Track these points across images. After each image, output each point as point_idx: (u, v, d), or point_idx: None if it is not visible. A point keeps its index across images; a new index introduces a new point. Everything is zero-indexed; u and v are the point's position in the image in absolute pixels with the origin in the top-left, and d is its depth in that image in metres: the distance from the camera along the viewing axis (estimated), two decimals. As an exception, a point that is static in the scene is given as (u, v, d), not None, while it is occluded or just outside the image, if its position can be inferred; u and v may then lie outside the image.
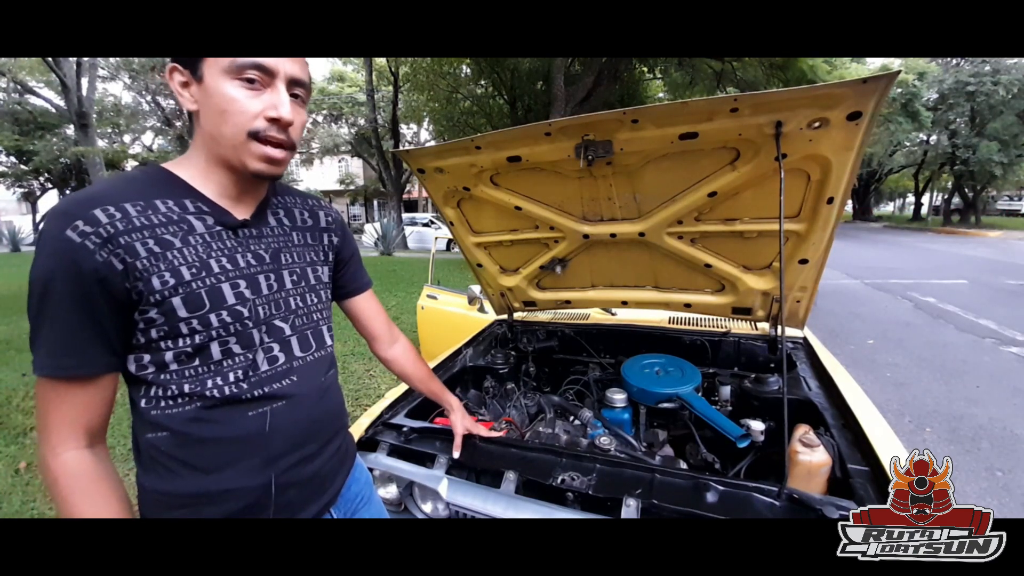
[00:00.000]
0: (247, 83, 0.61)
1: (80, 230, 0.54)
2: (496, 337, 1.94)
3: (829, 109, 0.94)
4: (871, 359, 3.78)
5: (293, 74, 0.64)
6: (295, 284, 0.73)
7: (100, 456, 0.60)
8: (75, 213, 0.55)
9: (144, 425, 0.62)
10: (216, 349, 0.63)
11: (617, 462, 1.04)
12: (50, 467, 0.57)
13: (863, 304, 5.79)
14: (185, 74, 0.62)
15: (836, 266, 8.72)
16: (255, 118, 0.62)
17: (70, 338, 0.56)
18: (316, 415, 0.73)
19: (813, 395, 1.27)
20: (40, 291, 0.55)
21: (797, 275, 1.39)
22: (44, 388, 0.58)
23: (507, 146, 1.26)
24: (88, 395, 0.58)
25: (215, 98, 0.61)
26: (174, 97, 0.75)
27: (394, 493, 1.17)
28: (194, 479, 0.63)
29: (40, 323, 0.56)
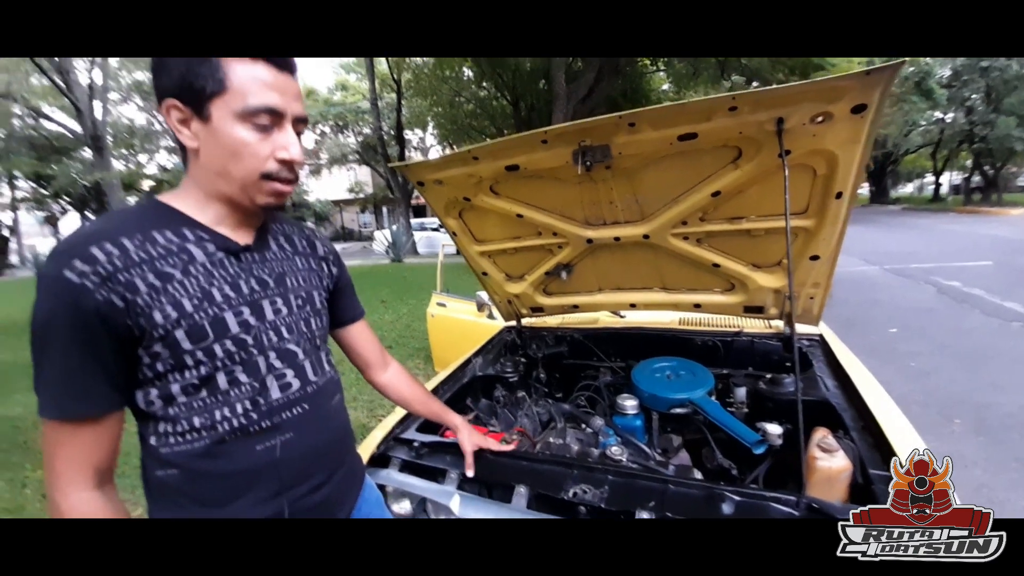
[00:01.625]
0: (259, 127, 0.61)
1: (79, 270, 0.54)
2: (505, 344, 1.93)
3: (832, 103, 0.91)
4: (893, 349, 3.68)
5: (298, 113, 0.65)
6: (300, 308, 0.73)
7: (109, 496, 0.61)
8: (72, 253, 0.55)
9: (154, 462, 0.63)
10: (223, 379, 0.63)
11: (629, 473, 1.02)
12: (61, 510, 0.57)
13: (883, 291, 5.64)
14: (185, 111, 0.61)
15: (853, 252, 8.52)
16: (267, 160, 0.62)
17: (72, 380, 0.56)
18: (323, 444, 0.73)
19: (831, 395, 1.23)
20: (41, 333, 0.56)
21: (809, 271, 1.35)
22: (49, 431, 0.58)
23: (504, 155, 1.25)
24: (94, 435, 0.59)
25: (225, 139, 0.61)
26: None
27: (408, 509, 1.17)
28: (204, 513, 0.63)
29: (42, 366, 0.57)
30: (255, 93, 0.60)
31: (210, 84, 0.60)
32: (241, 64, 0.60)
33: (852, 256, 8.12)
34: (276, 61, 0.62)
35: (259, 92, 0.60)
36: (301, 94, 0.67)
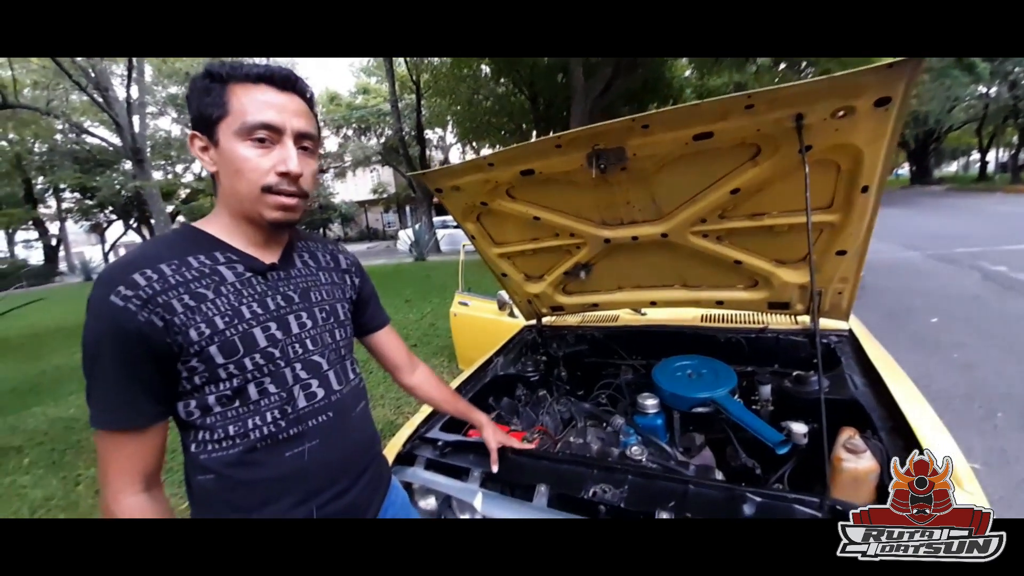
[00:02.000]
0: (258, 142, 0.65)
1: (122, 294, 0.60)
2: (526, 343, 1.95)
3: (854, 97, 0.89)
4: (935, 340, 3.51)
5: (299, 128, 0.68)
6: (325, 320, 0.78)
7: (156, 498, 0.66)
8: (117, 279, 0.61)
9: (194, 468, 0.68)
10: (253, 390, 0.68)
11: (649, 473, 1.03)
12: (113, 512, 0.63)
13: (925, 278, 5.37)
14: (203, 140, 0.67)
15: (892, 238, 8.12)
16: (267, 174, 0.66)
17: (119, 394, 0.62)
18: (349, 450, 0.77)
19: (859, 394, 1.20)
20: (91, 352, 0.61)
21: (836, 267, 1.32)
22: (100, 440, 0.64)
23: (519, 161, 1.26)
24: (140, 444, 0.64)
25: (230, 159, 0.65)
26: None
27: (433, 505, 1.22)
28: (239, 516, 0.68)
29: (93, 381, 0.62)
30: (252, 112, 0.65)
31: (215, 111, 0.65)
32: (241, 87, 0.65)
33: (892, 242, 7.75)
34: (277, 81, 0.67)
35: (256, 110, 0.65)
36: (306, 111, 0.70)
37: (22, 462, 2.63)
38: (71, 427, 2.96)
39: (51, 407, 3.31)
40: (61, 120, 14.70)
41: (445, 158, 21.76)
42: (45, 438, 2.83)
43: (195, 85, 0.67)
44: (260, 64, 0.67)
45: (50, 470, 2.52)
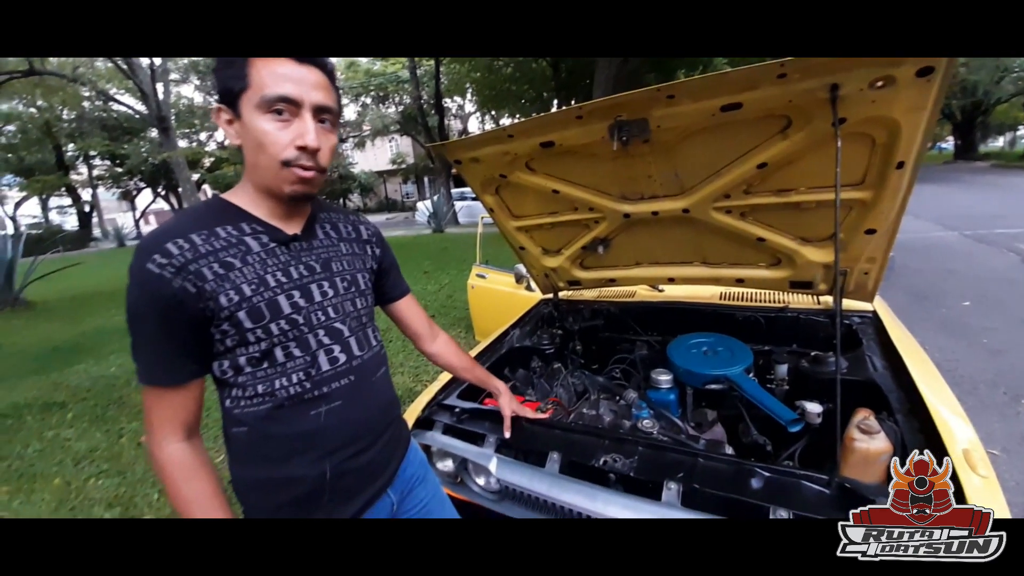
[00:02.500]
0: (277, 115, 0.66)
1: (158, 262, 0.63)
2: (542, 317, 1.97)
3: (894, 66, 0.84)
4: (965, 323, 3.39)
5: (318, 102, 0.69)
6: (346, 289, 0.80)
7: (196, 446, 0.72)
8: (153, 248, 0.64)
9: (230, 421, 0.73)
10: (279, 353, 0.71)
11: (659, 445, 1.06)
12: (157, 458, 0.69)
13: (960, 260, 5.14)
14: (229, 112, 0.69)
15: (929, 216, 7.75)
16: (286, 148, 0.67)
17: (159, 353, 0.67)
18: (369, 412, 0.81)
19: (878, 376, 1.19)
20: (133, 315, 0.66)
21: (864, 246, 1.28)
22: (145, 394, 0.69)
23: (539, 132, 1.24)
24: (180, 398, 0.69)
25: (252, 132, 0.67)
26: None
27: (451, 467, 1.28)
28: (267, 467, 0.73)
29: (136, 341, 0.67)
30: (271, 85, 0.65)
31: (237, 84, 0.66)
32: (262, 61, 0.66)
33: (928, 220, 7.40)
34: (296, 53, 0.67)
35: (275, 83, 0.65)
36: (326, 84, 0.70)
37: (66, 416, 2.83)
38: (113, 384, 3.16)
39: (93, 365, 3.52)
40: (88, 87, 14.95)
41: (464, 127, 21.40)
42: (88, 394, 3.04)
43: (219, 60, 0.68)
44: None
45: (94, 424, 2.71)
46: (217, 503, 0.70)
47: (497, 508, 1.20)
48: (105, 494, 1.97)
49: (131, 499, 1.92)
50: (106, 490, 2.01)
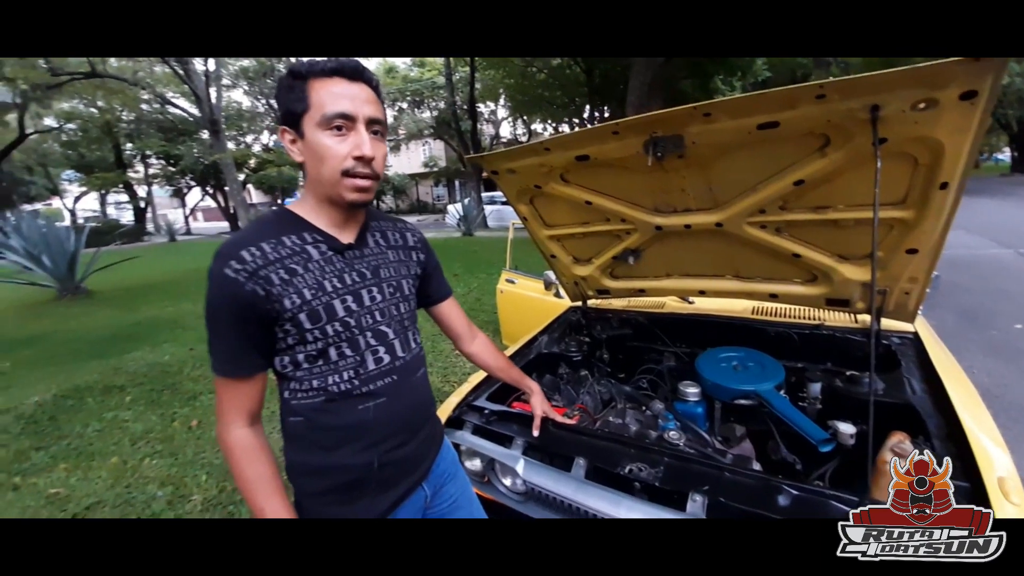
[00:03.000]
0: (335, 131, 0.73)
1: (234, 268, 0.71)
2: (570, 324, 2.00)
3: (937, 89, 0.84)
4: (1017, 347, 3.19)
5: (369, 115, 0.75)
6: (392, 295, 0.87)
7: (258, 432, 0.79)
8: (230, 254, 0.72)
9: (287, 411, 0.81)
10: (333, 352, 0.78)
11: (686, 457, 1.07)
12: (225, 440, 0.77)
13: (1015, 279, 4.82)
14: (292, 133, 0.76)
15: (983, 232, 7.28)
16: (345, 159, 0.74)
17: (231, 349, 0.75)
18: (409, 409, 0.87)
19: (916, 399, 1.16)
20: (211, 314, 0.74)
21: (905, 265, 1.25)
22: (218, 384, 0.77)
23: (575, 146, 1.28)
24: (247, 388, 0.77)
25: (314, 147, 0.74)
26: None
27: (479, 466, 1.32)
28: (319, 455, 0.80)
29: (213, 337, 0.75)
30: (329, 103, 0.72)
31: (299, 106, 0.73)
32: (318, 81, 0.73)
33: (982, 236, 6.96)
34: (347, 73, 0.74)
35: (332, 102, 0.72)
36: (374, 99, 0.77)
37: (124, 399, 3.06)
38: (167, 371, 3.39)
39: (148, 352, 3.79)
40: (147, 91, 15.99)
41: (496, 132, 21.63)
42: (144, 379, 3.27)
43: (281, 84, 0.76)
44: (332, 59, 0.75)
45: (149, 407, 2.92)
46: (274, 485, 0.77)
47: (522, 509, 1.23)
48: (158, 473, 2.13)
49: (182, 479, 2.07)
50: (159, 470, 2.17)
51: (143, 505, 1.90)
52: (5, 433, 2.68)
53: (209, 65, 13.32)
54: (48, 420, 2.82)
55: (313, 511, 0.81)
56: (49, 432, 2.67)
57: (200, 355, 3.70)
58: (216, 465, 2.20)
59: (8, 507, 2.01)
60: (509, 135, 23.28)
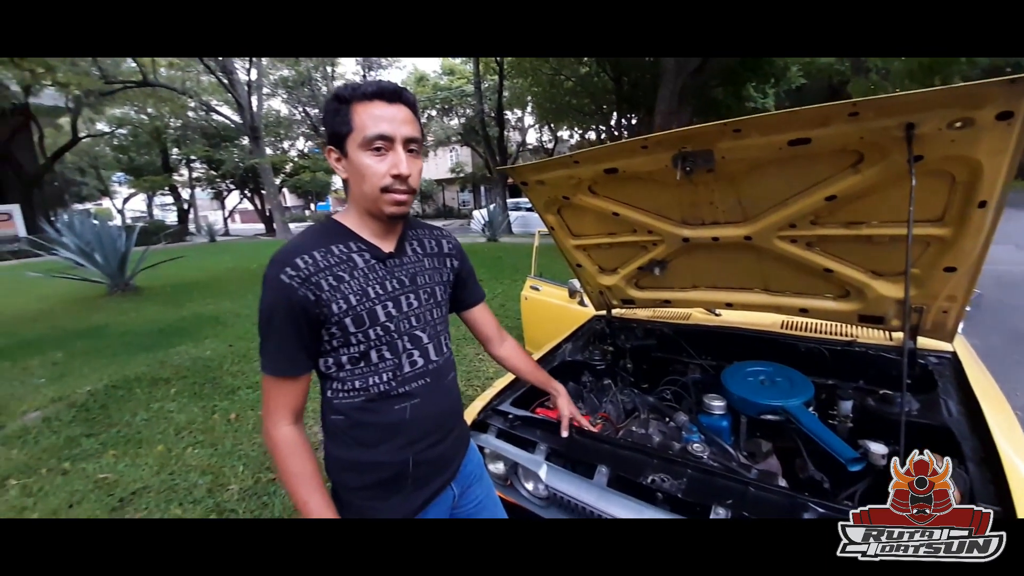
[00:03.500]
0: (375, 151, 0.79)
1: (288, 274, 0.78)
2: (595, 333, 2.01)
3: (973, 109, 0.83)
4: (1075, 372, 3.00)
5: (406, 135, 0.81)
6: (426, 301, 0.92)
7: (300, 430, 0.85)
8: (285, 261, 0.79)
9: (329, 409, 0.87)
10: (374, 355, 0.84)
11: (709, 470, 1.07)
12: (271, 436, 0.82)
13: (1073, 299, 4.52)
14: (337, 152, 0.83)
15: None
16: (384, 177, 0.80)
17: (283, 349, 0.81)
18: (441, 410, 0.92)
19: (952, 421, 1.13)
20: (266, 316, 0.80)
21: (943, 284, 1.22)
22: (266, 382, 0.83)
23: (604, 160, 1.31)
24: (293, 388, 0.83)
25: (356, 167, 0.80)
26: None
27: (502, 470, 1.36)
28: (359, 451, 0.85)
29: (266, 338, 0.81)
30: (370, 126, 0.78)
31: (344, 128, 0.79)
32: (361, 104, 0.79)
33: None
34: (387, 96, 0.80)
35: (373, 124, 0.78)
36: (411, 118, 0.83)
37: (169, 391, 3.24)
38: (208, 366, 3.58)
39: (191, 348, 4.01)
40: (194, 99, 16.91)
41: (522, 139, 21.78)
42: (188, 372, 3.46)
43: (328, 108, 0.83)
44: (373, 82, 0.81)
45: (192, 400, 3.08)
46: (316, 480, 0.82)
47: (544, 513, 1.26)
48: (200, 462, 2.26)
49: (220, 469, 2.19)
50: (200, 459, 2.30)
51: (185, 492, 2.02)
52: (57, 420, 2.88)
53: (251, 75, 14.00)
54: (99, 409, 3.01)
55: (351, 505, 0.86)
56: (100, 420, 2.85)
57: (238, 351, 3.88)
58: (252, 457, 2.31)
59: (56, 491, 2.15)
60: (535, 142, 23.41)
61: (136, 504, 1.98)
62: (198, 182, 24.36)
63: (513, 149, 20.65)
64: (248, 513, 1.87)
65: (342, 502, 0.87)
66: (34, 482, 2.20)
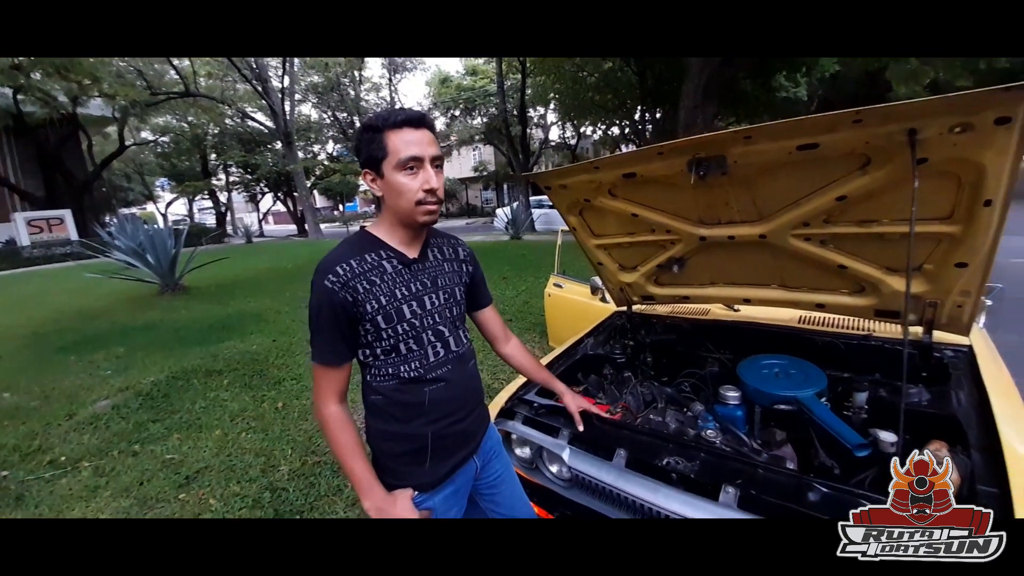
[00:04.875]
0: (409, 171, 0.92)
1: (331, 280, 0.92)
2: (615, 328, 2.10)
3: (972, 115, 0.89)
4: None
5: (433, 154, 0.93)
6: (446, 300, 1.05)
7: (345, 409, 1.00)
8: (328, 269, 0.93)
9: (369, 391, 1.01)
10: (403, 347, 0.97)
11: (721, 453, 1.16)
12: (322, 414, 0.98)
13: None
14: (372, 174, 0.96)
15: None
16: (417, 192, 0.93)
17: (328, 342, 0.95)
18: (464, 392, 1.06)
19: (960, 411, 1.17)
20: (314, 315, 0.95)
21: (955, 279, 1.26)
22: (316, 370, 0.98)
23: (623, 166, 1.41)
24: (338, 374, 0.98)
25: (393, 185, 0.93)
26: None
27: (527, 454, 1.47)
28: (395, 424, 0.99)
29: (314, 333, 0.96)
30: (403, 150, 0.91)
31: (380, 153, 0.92)
32: (392, 132, 0.91)
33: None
34: (413, 122, 0.92)
35: (405, 148, 0.91)
36: (433, 139, 0.95)
37: (223, 382, 3.50)
38: (255, 359, 3.86)
39: (239, 342, 4.31)
40: (231, 107, 17.72)
41: (545, 136, 21.78)
42: (238, 365, 3.74)
43: (361, 137, 0.95)
44: (399, 111, 0.94)
45: (243, 390, 3.33)
46: (360, 450, 0.97)
47: (567, 494, 1.37)
48: (253, 446, 2.48)
49: (271, 452, 2.40)
50: (254, 443, 2.52)
51: (242, 471, 2.23)
52: (126, 407, 3.17)
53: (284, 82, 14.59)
54: (163, 397, 3.29)
55: (388, 470, 1.01)
56: (163, 407, 3.13)
57: (281, 346, 4.14)
58: (299, 442, 2.51)
59: (128, 470, 2.40)
60: (558, 138, 23.35)
61: (200, 481, 2.21)
62: (235, 186, 25.48)
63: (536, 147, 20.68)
64: (298, 492, 2.06)
65: (380, 467, 1.01)
66: (106, 463, 2.46)
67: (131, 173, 25.77)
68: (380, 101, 22.82)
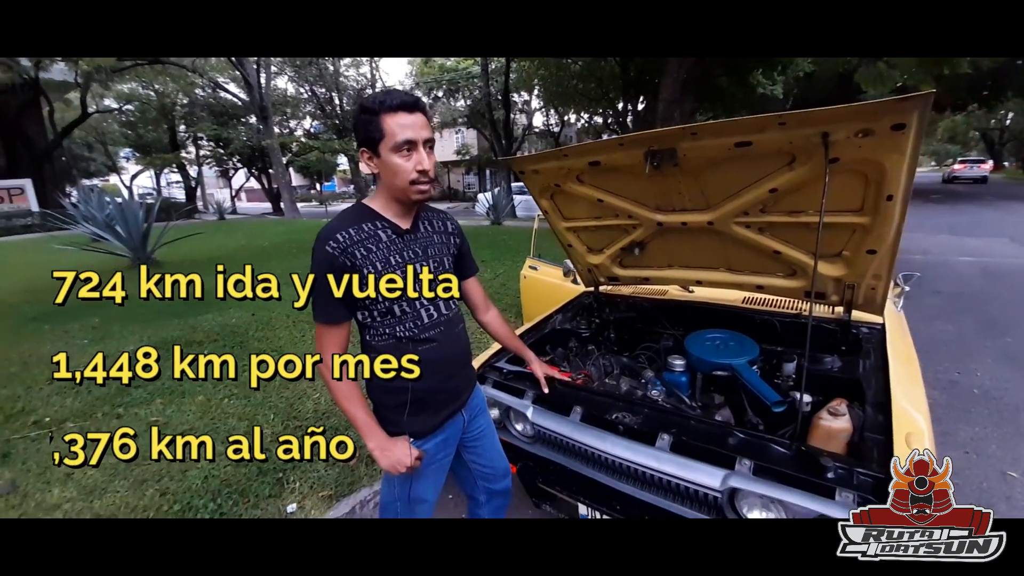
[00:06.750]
0: (404, 152, 1.02)
1: (331, 245, 1.02)
2: (583, 306, 2.27)
3: (872, 122, 1.06)
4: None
5: (426, 137, 1.03)
6: (437, 268, 1.17)
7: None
8: (328, 236, 1.03)
9: (369, 349, 1.13)
10: (397, 309, 1.09)
11: (661, 408, 1.34)
12: (326, 365, 1.09)
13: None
14: (369, 153, 1.05)
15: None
16: (411, 172, 1.03)
17: (328, 303, 1.05)
18: (454, 351, 1.18)
19: (863, 375, 1.39)
20: (316, 278, 1.04)
21: (868, 264, 1.46)
22: (318, 329, 1.09)
23: (589, 154, 1.55)
24: (339, 332, 1.09)
25: (388, 166, 1.03)
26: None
27: (496, 415, 1.63)
28: (392, 379, 1.11)
29: (316, 295, 1.06)
30: (399, 133, 1.00)
31: (377, 134, 1.01)
32: (388, 115, 1.00)
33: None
34: (408, 107, 1.01)
35: (401, 131, 1.00)
36: (426, 123, 1.04)
37: (203, 352, 3.49)
38: (235, 331, 3.88)
39: (217, 316, 4.30)
40: (202, 77, 16.96)
41: (528, 122, 21.71)
42: (218, 337, 3.75)
43: (359, 118, 1.04)
44: (395, 94, 1.02)
45: (221, 360, 3.37)
46: (361, 400, 1.09)
47: (530, 448, 1.54)
48: (235, 411, 2.56)
49: (253, 416, 2.49)
50: (236, 408, 2.59)
51: (226, 432, 2.32)
52: (104, 374, 3.18)
53: (259, 53, 14.08)
54: (140, 366, 3.31)
55: (387, 419, 1.12)
56: (143, 375, 3.15)
57: (261, 320, 4.17)
58: (281, 408, 2.61)
59: (113, 430, 2.45)
60: (542, 125, 23.30)
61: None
62: (205, 160, 24.50)
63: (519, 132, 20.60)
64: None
65: (381, 417, 1.13)
66: (90, 424, 2.50)
67: (93, 143, 24.47)
68: (360, 78, 22.20)
